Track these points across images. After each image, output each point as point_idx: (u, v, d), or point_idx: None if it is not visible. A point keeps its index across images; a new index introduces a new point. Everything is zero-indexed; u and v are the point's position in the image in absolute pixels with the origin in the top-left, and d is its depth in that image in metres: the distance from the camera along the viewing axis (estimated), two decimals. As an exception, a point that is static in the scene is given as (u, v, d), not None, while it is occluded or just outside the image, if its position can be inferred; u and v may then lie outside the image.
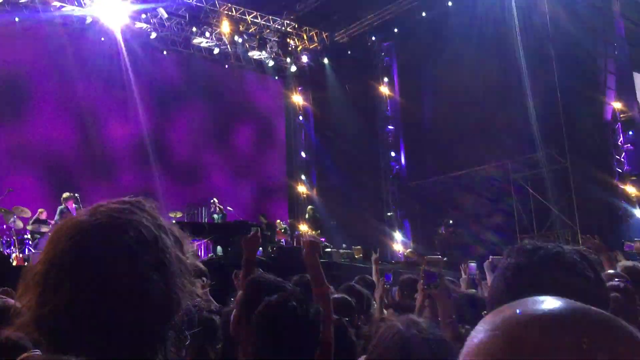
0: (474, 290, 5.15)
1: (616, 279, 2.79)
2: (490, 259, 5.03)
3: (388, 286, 5.23)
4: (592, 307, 0.60)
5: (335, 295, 4.15)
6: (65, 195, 12.14)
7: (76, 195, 12.21)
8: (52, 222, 11.75)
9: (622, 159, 15.31)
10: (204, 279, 4.18)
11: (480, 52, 15.80)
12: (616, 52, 15.25)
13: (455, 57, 16.43)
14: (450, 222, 16.56)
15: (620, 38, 15.29)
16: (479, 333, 0.61)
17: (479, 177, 16.76)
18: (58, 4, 15.52)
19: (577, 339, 0.56)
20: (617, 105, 15.42)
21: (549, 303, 0.61)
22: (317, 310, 2.26)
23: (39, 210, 12.05)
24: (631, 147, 15.41)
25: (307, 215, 17.13)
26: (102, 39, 16.63)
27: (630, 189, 15.06)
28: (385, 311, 4.78)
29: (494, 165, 16.25)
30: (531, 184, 15.78)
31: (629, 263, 4.11)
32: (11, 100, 15.31)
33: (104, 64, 16.80)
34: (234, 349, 2.66)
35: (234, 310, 2.69)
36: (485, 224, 16.00)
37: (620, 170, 15.29)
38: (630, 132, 15.47)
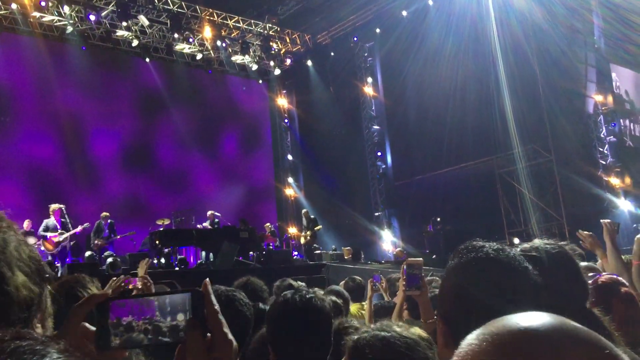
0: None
1: (590, 273, 2.79)
2: None
3: (377, 287, 5.24)
4: (579, 325, 0.64)
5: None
6: (52, 207, 12.10)
7: (62, 206, 12.17)
8: (38, 233, 11.72)
9: (605, 151, 15.47)
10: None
11: (460, 51, 15.92)
12: (595, 46, 15.42)
13: (436, 55, 16.53)
14: (438, 219, 16.62)
15: (599, 31, 15.46)
16: (472, 340, 0.66)
17: (464, 174, 16.84)
18: (38, 14, 15.43)
19: (558, 353, 0.60)
20: (599, 97, 15.58)
21: (538, 318, 0.64)
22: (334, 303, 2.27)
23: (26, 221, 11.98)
24: (614, 139, 15.58)
25: (304, 220, 17.00)
26: (83, 48, 16.55)
27: (614, 180, 15.23)
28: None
29: (479, 162, 16.34)
30: (517, 179, 15.89)
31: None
32: (-7, 113, 15.22)
33: (86, 73, 16.73)
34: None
35: None
36: (473, 220, 16.07)
37: (603, 162, 15.46)
38: (612, 124, 15.63)
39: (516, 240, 15.33)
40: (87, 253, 12.62)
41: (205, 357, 0.98)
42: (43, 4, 15.14)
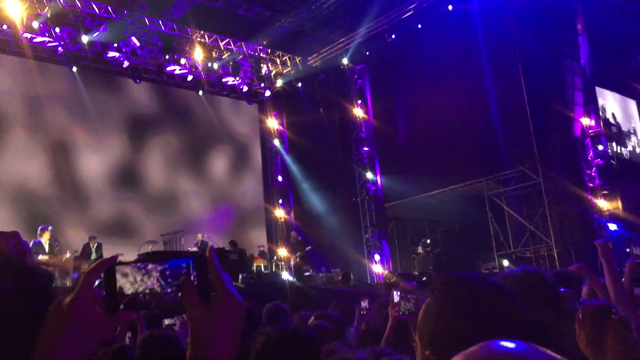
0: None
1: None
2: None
3: (364, 312, 5.18)
4: (550, 352, 0.64)
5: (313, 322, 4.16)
6: (40, 229, 12.01)
7: (50, 228, 12.08)
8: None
9: (593, 174, 15.60)
10: None
11: (449, 73, 16.08)
12: (582, 69, 15.63)
13: (426, 78, 16.70)
14: (428, 241, 16.63)
15: (585, 55, 15.69)
16: None
17: (454, 196, 16.90)
18: (29, 35, 15.44)
19: None
20: (586, 121, 15.76)
21: (509, 345, 0.65)
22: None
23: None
24: (601, 162, 15.72)
25: (293, 242, 16.96)
26: (74, 69, 16.55)
27: (602, 203, 15.33)
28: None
29: (468, 184, 16.42)
30: (506, 201, 15.97)
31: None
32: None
33: (76, 94, 16.72)
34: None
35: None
36: (462, 243, 16.11)
37: (591, 185, 15.57)
38: (600, 147, 15.79)
39: (505, 263, 15.38)
40: (75, 275, 12.49)
41: (202, 313, 1.01)
42: (35, 25, 15.18)
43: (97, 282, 1.04)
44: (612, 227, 14.97)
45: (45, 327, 1.01)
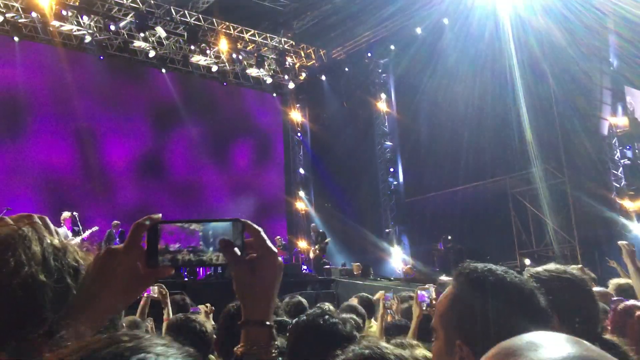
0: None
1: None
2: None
3: (388, 305, 5.18)
4: (584, 341, 0.63)
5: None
6: (64, 215, 12.16)
7: (74, 214, 12.23)
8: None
9: (619, 174, 15.35)
10: None
11: (475, 69, 15.90)
12: (611, 68, 15.37)
13: (451, 73, 16.53)
14: (449, 238, 16.53)
15: (614, 52, 15.42)
16: None
17: (476, 193, 16.75)
18: (57, 23, 15.63)
19: None
20: (613, 120, 15.50)
21: (563, 347, 0.63)
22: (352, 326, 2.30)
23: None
24: (628, 162, 15.46)
25: (313, 234, 17.01)
26: (101, 57, 16.73)
27: (627, 204, 15.08)
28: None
29: (491, 181, 16.26)
30: (529, 199, 15.78)
31: (623, 281, 4.19)
32: (10, 119, 15.36)
33: (103, 82, 16.90)
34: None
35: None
36: (484, 240, 15.97)
37: (617, 185, 15.33)
38: (627, 147, 15.53)
39: (527, 262, 15.23)
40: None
41: (245, 267, 1.11)
42: (64, 13, 15.36)
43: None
44: (637, 228, 14.73)
45: (91, 273, 1.07)
